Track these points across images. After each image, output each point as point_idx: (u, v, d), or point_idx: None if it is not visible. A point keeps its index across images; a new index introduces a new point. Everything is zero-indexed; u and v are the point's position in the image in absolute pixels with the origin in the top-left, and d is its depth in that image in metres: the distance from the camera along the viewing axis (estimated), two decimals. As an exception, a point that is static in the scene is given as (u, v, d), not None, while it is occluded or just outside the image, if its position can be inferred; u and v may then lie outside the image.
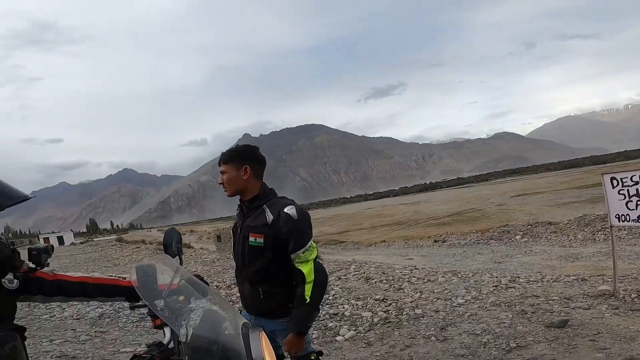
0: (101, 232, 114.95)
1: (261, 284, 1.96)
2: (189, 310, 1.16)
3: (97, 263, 17.99)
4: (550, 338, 3.74)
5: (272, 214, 1.90)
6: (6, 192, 1.06)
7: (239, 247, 2.03)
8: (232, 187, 1.99)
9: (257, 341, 1.08)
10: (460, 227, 25.43)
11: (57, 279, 1.34)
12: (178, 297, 1.21)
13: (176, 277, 1.27)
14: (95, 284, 1.39)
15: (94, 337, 5.09)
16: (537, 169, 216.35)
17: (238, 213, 2.11)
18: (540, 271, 8.44)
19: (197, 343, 1.03)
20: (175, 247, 1.61)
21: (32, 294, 1.30)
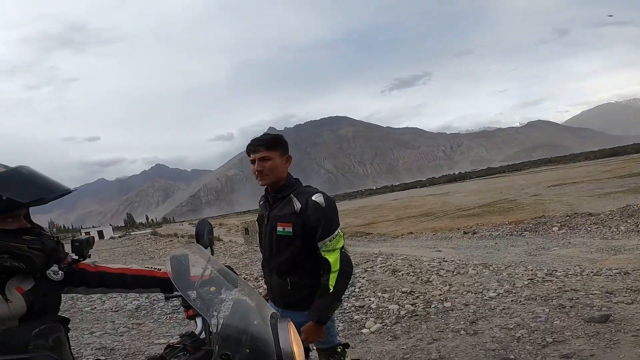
0: (137, 226, 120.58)
1: (289, 274, 1.95)
2: (219, 301, 1.16)
3: (134, 256, 18.90)
4: (590, 333, 3.56)
5: (299, 202, 1.89)
6: (48, 186, 1.09)
7: (266, 238, 2.01)
8: (274, 175, 1.92)
9: (285, 331, 1.08)
10: (492, 219, 24.59)
11: (98, 270, 1.39)
12: (210, 287, 1.22)
13: (208, 268, 1.28)
14: (133, 276, 1.43)
15: (131, 329, 5.33)
16: (575, 157, 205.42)
17: (263, 204, 2.09)
18: (580, 264, 8.02)
19: (227, 332, 1.04)
20: (206, 238, 1.62)
21: (75, 285, 1.34)
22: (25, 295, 1.10)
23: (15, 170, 1.08)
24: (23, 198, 1.04)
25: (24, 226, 1.14)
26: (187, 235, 33.05)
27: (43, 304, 1.13)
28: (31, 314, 1.09)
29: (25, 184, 1.06)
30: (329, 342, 2.03)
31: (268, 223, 1.99)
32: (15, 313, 1.06)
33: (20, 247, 1.06)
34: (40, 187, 1.08)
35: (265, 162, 1.90)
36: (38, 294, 1.13)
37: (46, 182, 1.10)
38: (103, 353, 4.24)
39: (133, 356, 4.22)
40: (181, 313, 6.00)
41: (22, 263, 1.07)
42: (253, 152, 1.93)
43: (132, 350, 4.39)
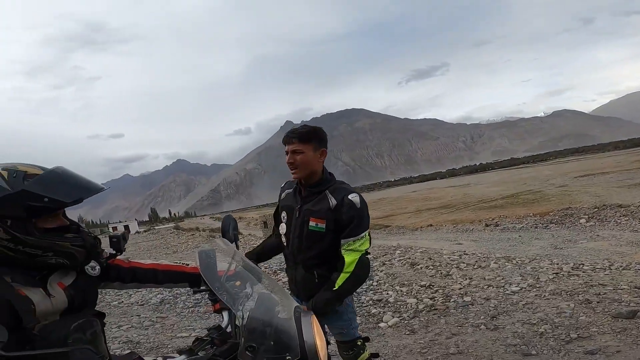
0: (161, 221, 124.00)
1: (317, 268, 1.95)
2: (245, 295, 1.21)
3: (158, 250, 19.46)
4: (616, 329, 3.43)
5: (335, 199, 1.89)
6: (85, 185, 1.13)
7: (295, 231, 1.98)
8: (307, 168, 1.92)
9: (308, 324, 1.12)
10: (516, 210, 23.91)
11: (131, 266, 1.45)
12: (235, 282, 1.26)
13: (233, 262, 1.32)
14: (164, 271, 1.48)
15: (155, 323, 5.49)
16: (603, 147, 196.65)
17: (292, 195, 2.06)
18: (608, 258, 7.71)
19: (253, 325, 1.08)
20: (232, 234, 1.65)
21: (111, 280, 1.40)
22: (66, 291, 1.14)
23: (53, 171, 1.12)
24: (65, 198, 1.08)
25: (64, 224, 1.18)
26: (208, 229, 33.74)
27: (82, 299, 1.18)
28: (71, 308, 1.13)
29: (64, 184, 1.10)
30: (350, 334, 2.04)
31: (299, 216, 1.97)
32: (57, 308, 1.10)
33: (64, 245, 1.11)
34: (78, 187, 1.12)
35: (296, 155, 1.89)
36: (78, 289, 1.17)
37: (82, 181, 1.14)
38: (129, 347, 4.39)
39: (157, 349, 4.34)
40: (202, 307, 6.15)
41: (66, 259, 1.12)
42: (287, 144, 1.93)
43: (156, 344, 4.52)
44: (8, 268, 1.07)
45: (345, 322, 2.03)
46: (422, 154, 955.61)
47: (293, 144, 1.90)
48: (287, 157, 1.92)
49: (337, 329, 2.06)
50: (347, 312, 2.04)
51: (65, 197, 1.08)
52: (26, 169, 1.09)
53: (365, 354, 2.06)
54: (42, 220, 1.12)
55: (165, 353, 4.02)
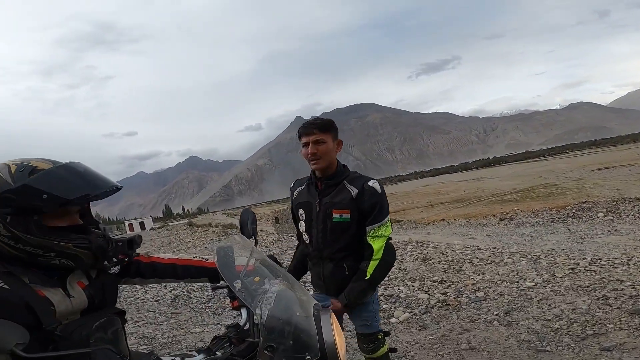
0: (175, 217, 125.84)
1: (345, 260, 1.93)
2: (263, 291, 1.18)
3: (172, 246, 19.80)
4: (634, 326, 3.36)
5: (355, 188, 1.88)
6: (94, 181, 1.07)
7: (319, 225, 1.94)
8: (327, 159, 1.91)
9: (328, 323, 1.10)
10: (531, 204, 23.47)
11: (151, 261, 1.41)
12: (254, 278, 1.24)
13: (252, 258, 1.30)
14: (183, 266, 1.44)
15: (169, 319, 5.58)
16: (622, 139, 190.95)
17: (304, 192, 2.04)
18: (627, 253, 7.51)
19: (272, 324, 1.06)
20: (250, 228, 1.62)
21: (132, 276, 1.37)
22: (86, 290, 1.10)
23: (63, 166, 1.05)
24: (67, 195, 1.01)
25: (76, 223, 1.11)
26: (220, 225, 34.15)
27: (102, 297, 1.14)
28: (91, 307, 1.10)
29: (69, 180, 1.03)
30: (373, 327, 2.03)
31: (320, 210, 1.93)
32: (77, 308, 1.06)
33: (65, 246, 1.03)
34: (84, 184, 1.05)
35: (319, 145, 1.88)
36: (98, 287, 1.14)
37: (92, 177, 1.07)
38: (145, 342, 4.48)
39: (171, 345, 4.42)
40: (216, 302, 6.23)
41: (70, 261, 1.05)
42: (306, 135, 1.90)
43: (171, 339, 4.60)
44: (24, 268, 1.03)
45: (370, 313, 2.02)
46: (434, 148, 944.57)
47: (314, 134, 1.88)
48: (308, 148, 1.89)
49: (362, 320, 2.03)
50: (372, 302, 2.02)
51: (66, 194, 1.01)
52: (37, 163, 1.04)
53: (385, 347, 2.04)
54: (50, 218, 1.05)
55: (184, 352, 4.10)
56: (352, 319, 2.07)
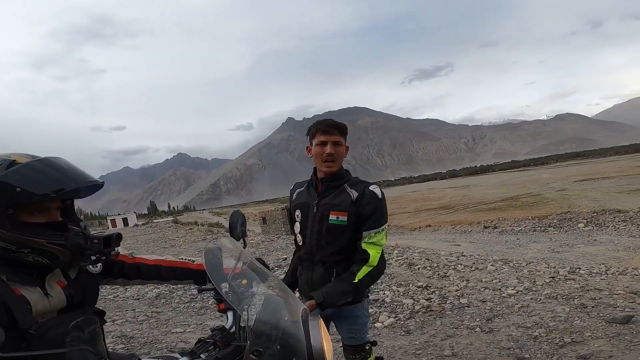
0: (160, 214, 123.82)
1: (336, 265, 1.86)
2: (251, 294, 1.17)
3: (156, 243, 19.48)
4: (610, 334, 3.45)
5: (355, 191, 1.84)
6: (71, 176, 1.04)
7: (314, 227, 1.88)
8: (340, 162, 1.86)
9: (316, 328, 1.09)
10: (515, 213, 23.96)
11: (135, 262, 1.37)
12: (241, 281, 1.22)
13: (240, 261, 1.28)
14: (168, 267, 1.41)
15: (150, 318, 5.47)
16: (605, 152, 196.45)
17: (303, 193, 1.99)
18: (605, 263, 7.75)
19: (259, 328, 1.04)
20: (239, 230, 1.57)
21: (114, 277, 1.33)
22: (65, 289, 1.08)
23: (40, 160, 1.02)
24: (40, 189, 0.98)
25: (54, 220, 1.08)
26: (206, 224, 33.77)
27: (82, 297, 1.12)
28: (70, 307, 1.08)
29: (44, 175, 1.00)
30: (361, 339, 1.96)
31: (318, 211, 1.87)
32: (55, 307, 1.05)
33: (38, 242, 1.00)
34: (59, 178, 1.01)
35: (337, 147, 1.84)
36: (78, 287, 1.12)
37: (70, 172, 1.04)
38: (123, 341, 4.38)
39: (151, 345, 4.33)
40: (198, 302, 6.16)
41: (46, 259, 1.02)
42: (325, 134, 1.84)
43: (150, 339, 4.50)
44: (2, 265, 1.00)
45: (360, 326, 1.94)
46: (423, 154, 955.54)
47: (335, 135, 1.83)
48: (324, 147, 1.83)
49: (350, 332, 1.96)
50: (363, 315, 1.96)
51: (39, 188, 0.98)
52: (17, 157, 1.01)
53: (371, 358, 1.99)
54: (27, 213, 1.03)
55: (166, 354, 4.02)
56: (339, 330, 2.00)
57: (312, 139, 1.90)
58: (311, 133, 1.91)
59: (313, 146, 1.89)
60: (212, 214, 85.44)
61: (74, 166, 1.08)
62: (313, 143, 1.90)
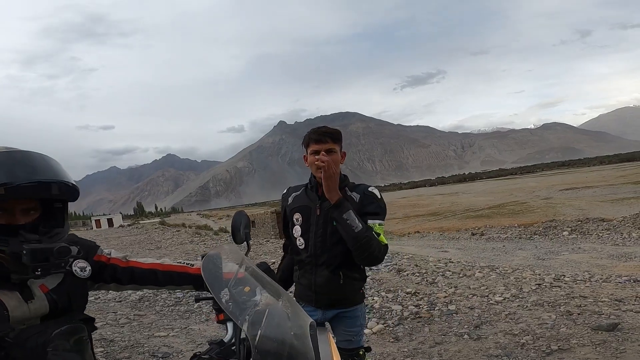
0: (146, 215, 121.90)
1: (342, 267, 1.87)
2: (253, 304, 1.07)
3: (142, 245, 19.11)
4: (596, 342, 3.49)
5: (357, 194, 1.88)
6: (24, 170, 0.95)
7: (318, 230, 1.87)
8: (337, 169, 1.85)
9: (326, 344, 1.02)
10: (501, 221, 24.31)
11: (129, 266, 1.28)
12: (244, 288, 1.13)
13: (242, 266, 1.18)
14: (165, 272, 1.31)
15: (132, 321, 5.32)
16: (589, 161, 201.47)
17: (302, 197, 1.97)
18: (589, 270, 7.87)
19: (266, 346, 0.94)
20: (243, 233, 1.48)
21: (106, 282, 1.24)
22: (48, 295, 1.02)
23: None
24: None
25: (13, 222, 0.99)
26: (194, 226, 33.36)
27: (67, 303, 1.05)
28: (54, 313, 1.01)
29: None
30: (357, 342, 1.97)
31: (321, 215, 1.87)
32: (35, 314, 0.98)
33: None
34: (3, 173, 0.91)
35: (330, 154, 1.83)
36: (62, 292, 1.05)
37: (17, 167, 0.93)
38: (102, 344, 4.25)
39: (132, 348, 4.21)
40: (183, 305, 6.03)
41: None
42: (318, 143, 1.84)
43: (132, 343, 4.38)
44: None
45: (357, 328, 1.96)
46: (413, 161, 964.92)
47: (327, 143, 1.84)
48: (320, 156, 1.82)
49: (348, 335, 1.95)
50: (361, 317, 1.97)
51: None
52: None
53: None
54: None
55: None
56: (335, 332, 1.98)
57: (307, 148, 1.91)
58: (305, 142, 1.92)
59: (308, 155, 1.89)
60: (200, 216, 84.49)
61: (40, 162, 0.97)
62: (308, 152, 1.90)
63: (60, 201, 1.07)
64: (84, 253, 1.17)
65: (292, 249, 2.03)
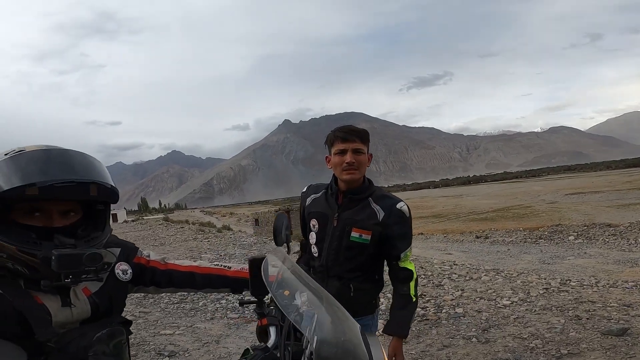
0: (150, 211, 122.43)
1: (354, 281, 1.80)
2: (295, 308, 1.04)
3: (146, 241, 19.19)
4: (606, 346, 3.47)
5: (382, 210, 1.74)
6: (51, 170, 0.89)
7: (333, 242, 1.80)
8: (362, 171, 1.75)
9: (377, 348, 1.00)
10: (506, 224, 24.18)
11: (168, 268, 1.25)
12: (284, 291, 1.09)
13: (284, 268, 1.16)
14: (203, 274, 1.29)
15: (137, 318, 5.33)
16: (596, 166, 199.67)
17: (321, 202, 1.88)
18: (595, 275, 7.81)
19: (324, 353, 0.89)
20: (284, 234, 1.47)
21: (146, 285, 1.22)
22: (91, 298, 0.99)
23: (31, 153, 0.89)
24: (3, 186, 0.85)
25: (49, 225, 0.93)
26: (197, 223, 33.47)
27: (109, 307, 1.03)
28: (95, 316, 0.98)
29: (20, 169, 0.86)
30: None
31: (338, 225, 1.78)
32: (78, 318, 0.95)
33: (9, 248, 0.86)
34: (29, 174, 0.85)
35: (358, 155, 1.72)
36: (105, 295, 1.02)
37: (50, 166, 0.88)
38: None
39: (138, 346, 4.21)
40: (189, 304, 6.03)
41: (24, 268, 0.88)
42: (344, 142, 1.72)
43: (137, 340, 4.38)
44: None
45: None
46: (417, 162, 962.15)
47: (355, 142, 1.72)
48: (344, 156, 1.72)
49: None
50: (373, 325, 1.92)
51: (3, 184, 0.84)
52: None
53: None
54: (21, 213, 0.91)
55: None
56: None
57: (331, 147, 1.78)
58: (329, 141, 1.80)
59: (332, 155, 1.77)
60: (203, 213, 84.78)
61: (76, 162, 0.92)
62: (332, 152, 1.77)
63: (102, 203, 1.01)
64: (125, 255, 1.14)
65: (307, 252, 1.98)
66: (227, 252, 12.18)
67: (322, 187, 1.93)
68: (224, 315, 5.40)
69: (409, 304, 1.76)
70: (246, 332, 4.72)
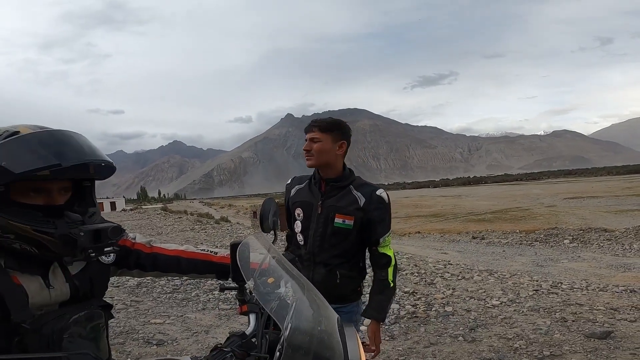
0: (149, 200, 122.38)
1: (339, 267, 1.88)
2: (277, 297, 1.02)
3: (143, 230, 19.28)
4: (588, 349, 3.54)
5: (363, 196, 1.85)
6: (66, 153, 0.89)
7: (318, 228, 1.88)
8: (321, 158, 1.85)
9: (353, 339, 0.97)
10: (503, 226, 24.22)
11: (153, 252, 1.23)
12: (267, 279, 1.07)
13: (268, 256, 1.14)
14: (188, 259, 1.26)
15: (128, 307, 5.38)
16: (597, 171, 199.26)
17: (304, 191, 1.96)
18: (586, 279, 7.88)
19: (296, 341, 0.87)
20: (271, 221, 1.45)
21: (129, 268, 1.20)
22: (70, 280, 0.96)
23: (37, 134, 0.88)
24: (17, 168, 0.83)
25: (53, 203, 0.93)
26: (196, 214, 33.55)
27: (89, 290, 0.99)
28: (75, 299, 0.96)
29: (32, 150, 0.85)
30: None
31: (322, 212, 1.87)
32: (56, 300, 0.93)
33: (22, 228, 0.85)
34: (45, 155, 0.85)
35: (314, 143, 1.85)
36: (85, 278, 0.99)
37: (64, 149, 0.88)
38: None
39: (127, 334, 4.26)
40: (181, 293, 6.10)
41: (34, 247, 0.87)
42: (306, 132, 1.91)
43: (127, 329, 4.42)
44: (2, 250, 0.88)
45: (354, 323, 1.96)
46: (418, 161, 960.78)
47: (313, 132, 1.87)
48: (305, 144, 1.89)
49: None
50: (358, 312, 1.99)
51: (20, 166, 0.83)
52: (22, 129, 0.88)
53: None
54: (20, 193, 0.89)
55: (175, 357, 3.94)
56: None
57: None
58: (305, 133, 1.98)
59: None
60: (202, 204, 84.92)
61: (81, 143, 0.92)
62: None
63: (89, 180, 1.02)
64: None
65: (293, 242, 2.04)
66: (223, 243, 12.28)
67: (306, 178, 2.03)
68: (216, 306, 5.47)
69: (386, 289, 1.87)
70: (237, 323, 4.80)
